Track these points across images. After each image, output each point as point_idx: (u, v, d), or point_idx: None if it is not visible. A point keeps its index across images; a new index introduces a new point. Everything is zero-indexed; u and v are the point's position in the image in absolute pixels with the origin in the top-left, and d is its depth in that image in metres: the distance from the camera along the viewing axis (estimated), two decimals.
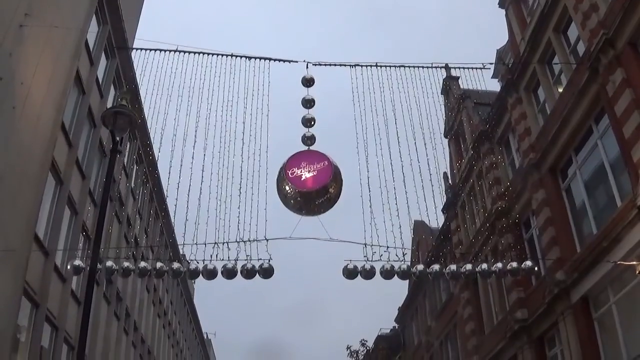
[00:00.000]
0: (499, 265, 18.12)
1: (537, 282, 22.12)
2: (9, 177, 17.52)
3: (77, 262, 18.77)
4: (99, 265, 16.16)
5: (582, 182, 19.28)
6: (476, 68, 19.06)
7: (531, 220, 23.16)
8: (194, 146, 16.90)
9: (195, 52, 18.65)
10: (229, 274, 16.75)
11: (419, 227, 30.52)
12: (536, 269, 18.85)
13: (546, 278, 20.66)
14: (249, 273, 16.69)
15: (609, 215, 17.12)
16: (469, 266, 18.16)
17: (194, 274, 17.18)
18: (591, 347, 18.00)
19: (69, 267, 20.57)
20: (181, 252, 17.47)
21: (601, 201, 18.55)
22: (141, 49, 19.53)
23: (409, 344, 40.63)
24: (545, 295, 20.38)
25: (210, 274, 16.92)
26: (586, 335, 18.25)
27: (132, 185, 33.72)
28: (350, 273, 16.86)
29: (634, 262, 15.25)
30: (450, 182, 31.36)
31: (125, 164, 31.11)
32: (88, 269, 16.22)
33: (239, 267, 16.69)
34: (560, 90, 20.68)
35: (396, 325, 45.09)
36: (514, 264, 18.01)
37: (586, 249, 18.13)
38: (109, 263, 18.33)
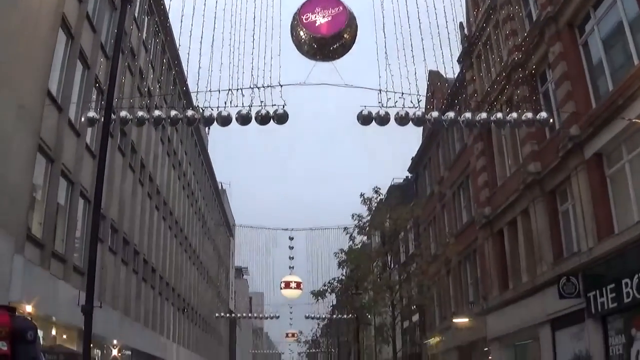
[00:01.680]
0: (514, 115, 18.08)
1: (551, 135, 22.18)
2: (20, 35, 17.42)
3: (92, 113, 18.87)
4: (112, 115, 16.28)
5: (599, 38, 18.87)
6: None
7: (547, 74, 22.90)
8: None
9: None
10: (244, 120, 16.72)
11: (434, 78, 30.19)
12: (551, 121, 18.86)
13: (560, 132, 20.70)
14: (263, 119, 16.63)
15: (625, 73, 16.91)
16: (483, 115, 18.15)
17: (209, 120, 17.16)
18: (603, 203, 18.32)
19: (83, 119, 20.83)
20: (195, 100, 17.44)
21: (618, 59, 18.23)
22: None
23: (421, 194, 41.29)
24: (559, 149, 20.49)
25: (225, 121, 16.90)
26: (598, 192, 18.52)
27: (144, 36, 33.37)
28: (365, 119, 16.78)
29: None
30: (466, 32, 30.76)
31: (136, 15, 30.68)
32: (102, 120, 16.47)
33: (253, 113, 16.65)
34: None
35: (409, 176, 45.72)
36: (529, 115, 17.97)
37: (601, 105, 18.06)
38: (123, 113, 18.39)
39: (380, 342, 31.62)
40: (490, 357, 28.03)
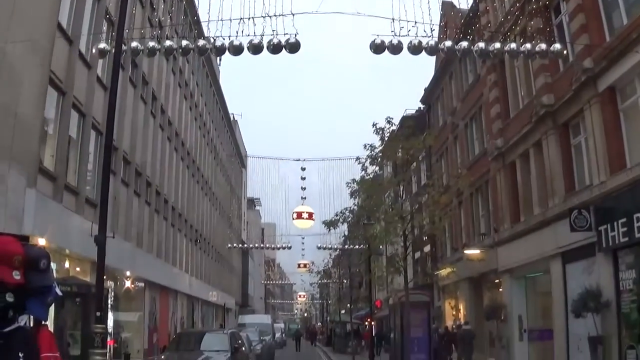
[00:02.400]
0: (528, 46, 17.86)
1: (564, 67, 21.95)
2: None
3: (102, 45, 18.83)
4: (123, 47, 16.23)
5: None
6: None
7: (561, 6, 22.51)
8: None
9: None
10: (255, 49, 16.53)
11: (448, 8, 29.70)
12: (565, 52, 18.64)
13: (574, 65, 20.48)
14: (275, 48, 16.46)
15: None
16: (497, 45, 17.94)
17: (220, 50, 17.02)
18: (615, 137, 18.25)
19: (94, 50, 20.76)
20: (206, 30, 17.27)
21: None
22: None
23: (434, 125, 41.14)
24: (572, 82, 20.31)
25: (236, 50, 16.75)
26: (611, 125, 18.43)
27: None
28: (377, 48, 16.60)
29: None
30: None
31: None
32: (113, 51, 16.42)
33: (264, 43, 16.47)
34: None
35: (422, 107, 45.45)
36: (543, 46, 17.75)
37: (615, 39, 17.81)
38: (134, 44, 18.35)
39: (392, 272, 31.88)
40: (501, 289, 28.36)
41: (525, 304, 26.18)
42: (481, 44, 17.77)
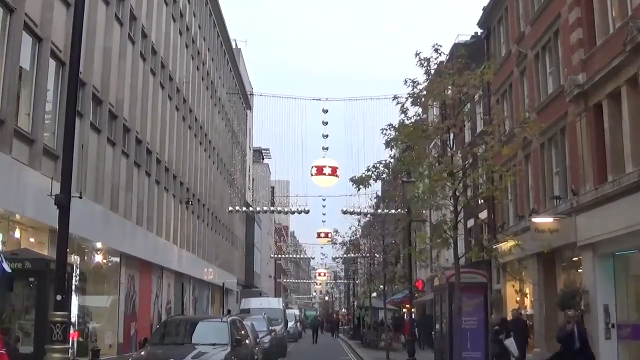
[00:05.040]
0: None
1: None
2: None
3: None
4: None
5: None
6: None
7: None
8: None
9: None
10: None
11: None
12: None
13: None
14: None
15: None
16: None
17: None
18: None
19: None
20: None
21: None
22: None
23: (494, 55, 40.59)
24: None
25: None
26: None
27: None
28: None
29: None
30: None
31: None
32: None
33: None
34: None
35: (479, 32, 44.83)
36: None
37: None
38: None
39: (439, 245, 31.49)
40: (580, 270, 28.04)
41: (614, 290, 25.78)
42: None
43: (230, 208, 67.57)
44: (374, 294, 60.90)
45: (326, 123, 44.30)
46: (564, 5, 29.93)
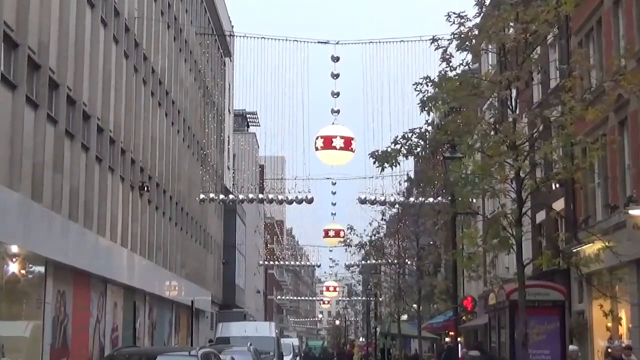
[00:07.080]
0: None
1: None
2: None
3: None
4: None
5: None
6: None
7: None
8: None
9: None
10: None
11: None
12: None
13: None
14: None
15: None
16: None
17: None
18: None
19: None
20: None
21: None
22: None
23: None
24: None
25: None
26: None
27: None
28: None
29: None
30: None
31: None
32: None
33: None
34: None
35: None
36: None
37: None
38: None
39: (495, 247, 31.17)
40: None
41: None
42: None
43: (202, 196, 66.78)
44: (404, 317, 60.92)
45: (337, 76, 44.02)
46: None
